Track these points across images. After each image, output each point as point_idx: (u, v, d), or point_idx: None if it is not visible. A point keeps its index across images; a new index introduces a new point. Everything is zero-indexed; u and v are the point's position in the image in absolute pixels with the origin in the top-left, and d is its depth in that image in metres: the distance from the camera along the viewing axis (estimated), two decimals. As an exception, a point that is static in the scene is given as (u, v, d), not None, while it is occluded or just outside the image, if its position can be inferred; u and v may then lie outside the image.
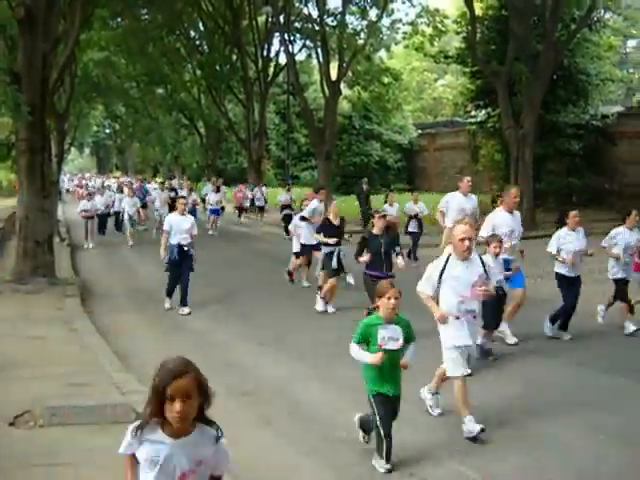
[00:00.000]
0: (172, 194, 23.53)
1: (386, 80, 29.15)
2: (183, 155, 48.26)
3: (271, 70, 31.49)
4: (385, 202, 17.91)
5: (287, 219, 20.32)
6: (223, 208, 25.83)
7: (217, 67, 30.16)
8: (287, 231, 17.94)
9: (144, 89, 36.34)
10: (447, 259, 5.90)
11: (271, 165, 46.66)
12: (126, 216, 20.75)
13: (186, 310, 11.05)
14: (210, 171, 39.46)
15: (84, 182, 49.03)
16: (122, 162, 77.09)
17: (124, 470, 2.78)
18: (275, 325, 10.05)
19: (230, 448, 2.82)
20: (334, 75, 26.31)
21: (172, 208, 22.36)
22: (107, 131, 69.41)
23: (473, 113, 30.97)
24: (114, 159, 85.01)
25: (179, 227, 11.05)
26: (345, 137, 39.61)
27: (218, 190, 24.99)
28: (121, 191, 26.44)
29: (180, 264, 11.07)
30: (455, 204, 11.84)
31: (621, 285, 9.48)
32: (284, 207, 22.98)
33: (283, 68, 30.93)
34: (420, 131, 42.04)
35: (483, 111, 28.75)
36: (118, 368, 7.70)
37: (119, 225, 23.79)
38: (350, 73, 28.41)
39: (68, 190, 52.93)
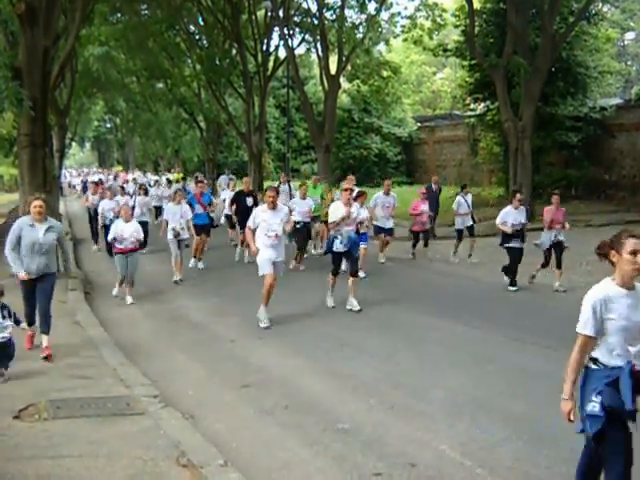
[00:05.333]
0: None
1: (385, 73, 29.11)
2: (183, 149, 48.24)
3: (271, 64, 31.39)
4: None
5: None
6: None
7: (217, 61, 30.04)
8: None
9: (144, 84, 36.31)
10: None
11: (271, 159, 46.72)
12: (169, 235, 13.43)
13: None
14: (211, 165, 39.55)
15: (95, 179, 41.19)
16: (123, 156, 77.15)
17: None
18: (276, 318, 10.10)
19: (232, 439, 2.91)
20: (333, 69, 26.29)
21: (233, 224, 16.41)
22: (108, 126, 69.31)
23: (472, 106, 30.97)
24: (115, 153, 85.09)
25: None
26: (345, 130, 39.61)
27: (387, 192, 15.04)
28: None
29: None
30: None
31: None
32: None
33: (283, 62, 30.86)
34: (419, 124, 42.04)
35: (482, 104, 28.76)
36: (121, 361, 7.80)
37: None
38: (349, 67, 28.40)
39: (78, 185, 52.60)
